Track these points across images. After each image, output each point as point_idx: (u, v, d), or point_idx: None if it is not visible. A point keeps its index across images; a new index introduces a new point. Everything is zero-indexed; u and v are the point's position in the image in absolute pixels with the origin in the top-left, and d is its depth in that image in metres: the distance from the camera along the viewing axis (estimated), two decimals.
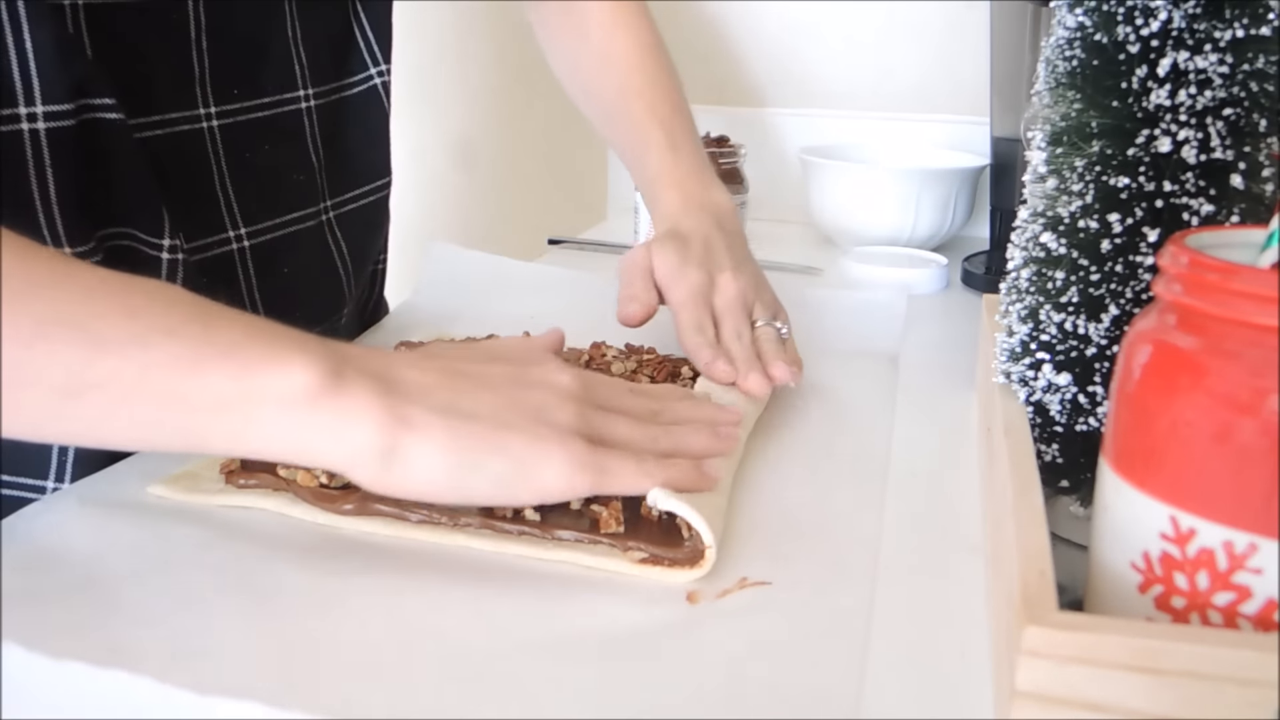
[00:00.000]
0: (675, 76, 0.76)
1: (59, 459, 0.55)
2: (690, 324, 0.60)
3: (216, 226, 0.61)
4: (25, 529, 0.44)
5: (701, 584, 0.42)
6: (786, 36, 1.16)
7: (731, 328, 0.60)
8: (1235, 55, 0.41)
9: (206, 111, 0.59)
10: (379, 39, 0.73)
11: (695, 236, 0.64)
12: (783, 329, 0.63)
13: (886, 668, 0.36)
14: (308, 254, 0.68)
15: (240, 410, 0.38)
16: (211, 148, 0.60)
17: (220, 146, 0.60)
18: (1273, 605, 0.31)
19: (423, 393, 0.42)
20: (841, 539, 0.46)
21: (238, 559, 0.43)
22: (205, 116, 0.59)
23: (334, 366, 0.40)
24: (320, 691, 0.35)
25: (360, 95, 0.72)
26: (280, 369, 0.39)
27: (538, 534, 0.44)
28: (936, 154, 1.08)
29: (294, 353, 0.39)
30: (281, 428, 0.39)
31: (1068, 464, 0.46)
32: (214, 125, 0.60)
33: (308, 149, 0.67)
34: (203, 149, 0.59)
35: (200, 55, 0.58)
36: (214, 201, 0.60)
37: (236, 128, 0.61)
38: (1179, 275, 0.33)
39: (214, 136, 0.60)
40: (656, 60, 0.75)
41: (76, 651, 0.35)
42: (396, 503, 0.46)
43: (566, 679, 0.36)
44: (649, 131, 0.71)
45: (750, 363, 0.58)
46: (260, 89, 0.62)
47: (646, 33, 0.76)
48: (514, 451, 0.41)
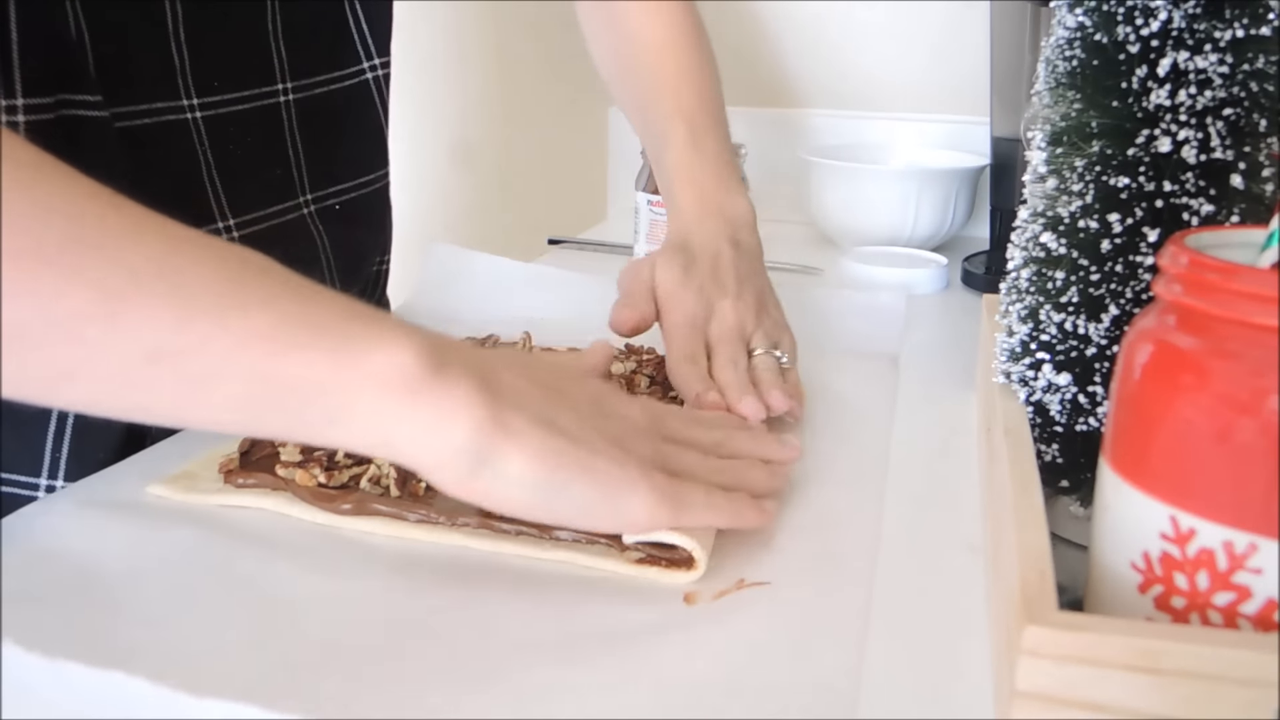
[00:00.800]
0: (713, 71, 0.72)
1: (53, 455, 0.55)
2: (681, 354, 0.58)
3: (207, 217, 0.61)
4: (24, 529, 0.44)
5: (699, 585, 0.42)
6: (787, 37, 1.16)
7: (725, 356, 0.57)
8: (1235, 55, 0.41)
9: (190, 103, 0.59)
10: (375, 32, 0.72)
11: (704, 254, 0.62)
12: (783, 358, 0.60)
13: (886, 668, 0.36)
14: (290, 247, 0.67)
15: (336, 394, 0.35)
16: (198, 139, 0.60)
17: (205, 138, 0.60)
18: (1273, 605, 0.31)
19: (522, 399, 0.39)
20: (841, 539, 0.46)
21: (236, 559, 0.43)
22: (189, 108, 0.59)
23: (437, 355, 0.37)
24: (315, 692, 0.35)
25: (351, 89, 0.71)
26: (383, 352, 0.36)
27: (535, 534, 0.44)
28: (936, 154, 1.08)
29: (395, 335, 0.36)
30: (377, 417, 0.36)
31: (1068, 464, 0.46)
32: (198, 117, 0.59)
33: (285, 143, 0.66)
34: (189, 140, 0.59)
35: (179, 46, 0.58)
36: (204, 192, 0.60)
37: (219, 120, 0.61)
38: (1179, 275, 0.33)
39: (199, 128, 0.60)
40: (692, 53, 0.71)
41: (73, 652, 0.35)
42: (395, 502, 0.46)
43: (564, 680, 0.36)
44: (672, 126, 0.68)
45: (742, 388, 0.55)
46: (240, 82, 0.62)
47: (688, 24, 0.72)
48: (601, 477, 0.40)
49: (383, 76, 0.74)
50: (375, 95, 0.73)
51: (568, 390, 0.43)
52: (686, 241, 0.63)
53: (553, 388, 0.42)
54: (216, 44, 0.60)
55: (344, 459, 0.49)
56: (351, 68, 0.71)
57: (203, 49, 0.59)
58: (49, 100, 0.51)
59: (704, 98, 0.70)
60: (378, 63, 0.72)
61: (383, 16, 0.73)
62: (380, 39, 0.73)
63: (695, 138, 0.67)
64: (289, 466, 0.48)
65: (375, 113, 0.73)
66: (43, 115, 0.50)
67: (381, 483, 0.48)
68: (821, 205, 1.02)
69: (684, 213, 0.65)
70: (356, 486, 0.47)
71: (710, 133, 0.68)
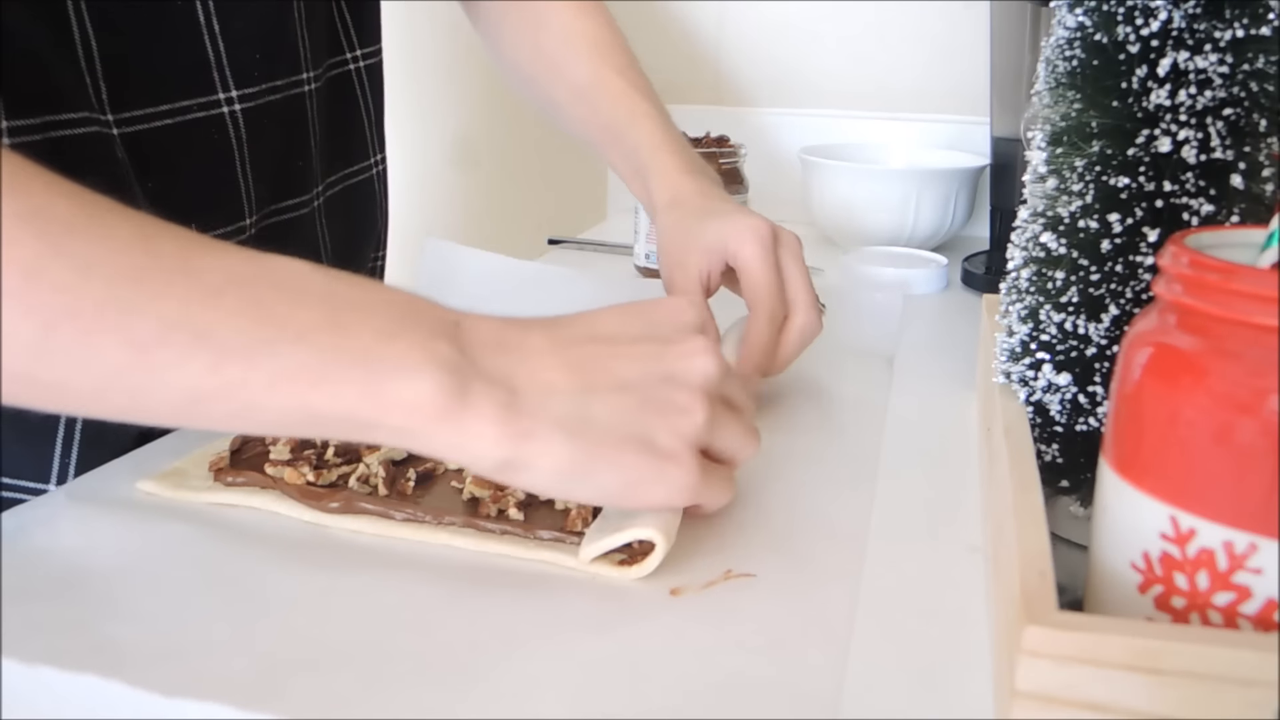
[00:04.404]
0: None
1: (61, 462, 0.55)
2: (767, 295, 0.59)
3: (236, 213, 0.61)
4: (14, 526, 0.45)
5: (685, 578, 0.42)
6: (787, 36, 1.16)
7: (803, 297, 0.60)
8: (1235, 55, 0.41)
9: (227, 96, 0.59)
10: (357, 24, 0.72)
11: (711, 197, 0.64)
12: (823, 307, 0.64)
13: (886, 667, 0.36)
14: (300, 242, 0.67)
15: (364, 419, 0.37)
16: (234, 133, 0.59)
17: (244, 131, 0.60)
18: (1273, 605, 0.31)
19: (548, 398, 0.40)
20: (839, 539, 0.46)
21: (224, 556, 0.43)
22: (226, 101, 0.59)
23: (461, 378, 0.38)
24: (299, 691, 0.35)
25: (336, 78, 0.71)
26: (408, 382, 0.37)
27: (520, 534, 0.45)
28: (936, 154, 1.08)
29: (423, 362, 0.38)
30: (404, 437, 0.38)
31: (1068, 464, 0.46)
32: (236, 110, 0.59)
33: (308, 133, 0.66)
34: (225, 135, 0.59)
35: (214, 39, 0.58)
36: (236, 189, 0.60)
37: (255, 112, 0.61)
38: (1179, 275, 0.33)
39: (236, 122, 0.59)
40: (624, 43, 0.74)
41: (57, 650, 0.36)
42: (382, 501, 0.46)
43: (547, 676, 0.36)
44: (636, 103, 0.69)
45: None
46: (272, 72, 0.62)
47: (611, 20, 0.75)
48: (628, 470, 0.40)
49: (364, 69, 0.73)
50: (357, 86, 0.73)
51: (620, 357, 0.42)
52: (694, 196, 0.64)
53: (597, 368, 0.41)
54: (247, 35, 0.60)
55: (333, 458, 0.49)
56: (335, 58, 0.71)
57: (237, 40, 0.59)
58: (35, 121, 0.50)
59: (649, 85, 0.72)
60: (359, 54, 0.72)
61: (365, 10, 0.73)
62: (363, 32, 0.72)
63: (663, 118, 0.69)
64: (278, 465, 0.48)
65: (355, 104, 0.73)
66: (31, 136, 0.50)
67: (370, 481, 0.48)
68: (821, 205, 1.02)
69: (674, 178, 0.66)
70: (345, 485, 0.47)
71: (670, 118, 0.70)
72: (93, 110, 0.53)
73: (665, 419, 0.41)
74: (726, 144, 0.98)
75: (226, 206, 0.60)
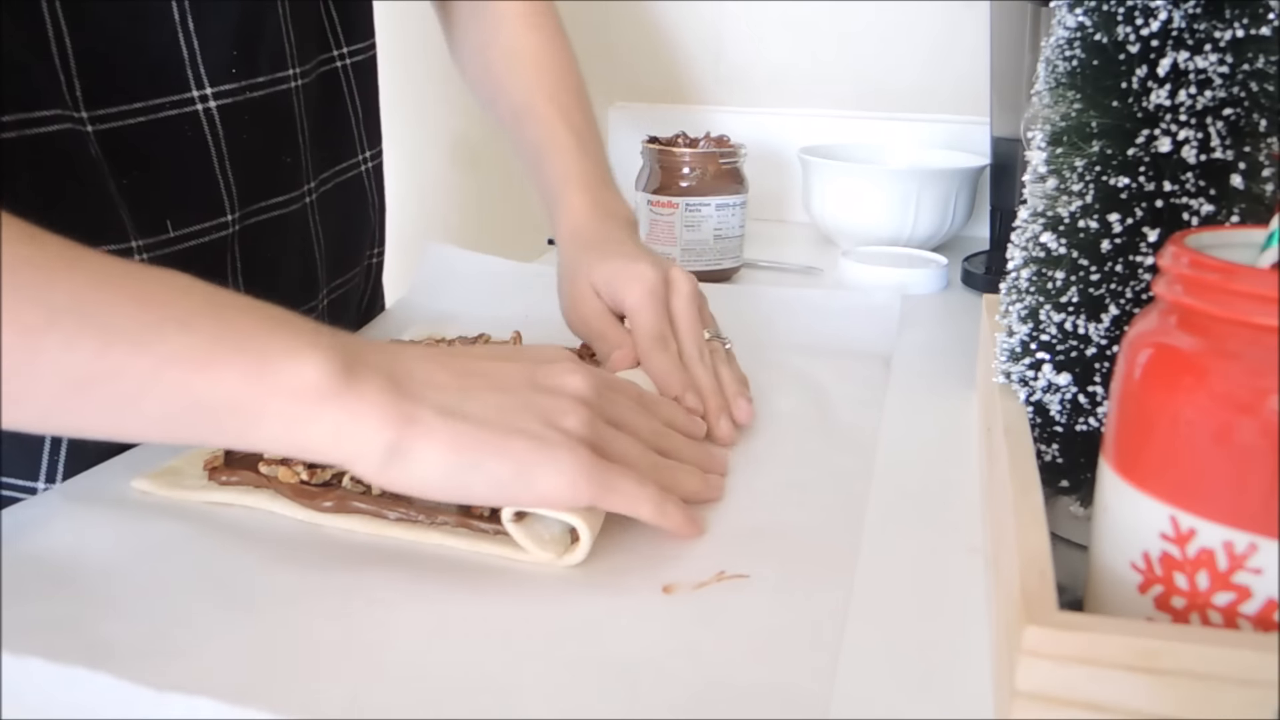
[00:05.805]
0: (582, 80, 0.76)
1: (50, 460, 0.55)
2: (651, 335, 0.58)
3: (216, 210, 0.61)
4: (9, 524, 0.45)
5: (679, 575, 0.42)
6: (786, 36, 1.16)
7: (692, 343, 0.59)
8: (1235, 55, 0.41)
9: (201, 94, 0.59)
10: (345, 21, 0.72)
11: (611, 239, 0.64)
12: (728, 343, 0.62)
13: (886, 667, 0.36)
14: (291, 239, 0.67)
15: (251, 407, 0.38)
16: (210, 130, 0.59)
17: (220, 129, 0.60)
18: (1273, 605, 0.31)
19: (431, 391, 0.41)
20: (836, 540, 0.46)
21: (218, 555, 0.43)
22: (201, 99, 0.59)
23: (346, 362, 0.39)
24: (291, 689, 0.35)
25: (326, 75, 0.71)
26: (293, 364, 0.38)
27: None
28: (936, 154, 1.08)
29: (307, 348, 0.39)
30: (290, 424, 0.39)
31: (1068, 464, 0.46)
32: (210, 107, 0.59)
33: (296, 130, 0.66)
34: (200, 132, 0.59)
35: (189, 38, 0.58)
36: (214, 185, 0.60)
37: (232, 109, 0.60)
38: (1179, 275, 0.33)
39: (212, 119, 0.59)
40: (566, 62, 0.75)
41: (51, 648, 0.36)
42: (375, 500, 0.46)
43: (538, 676, 0.36)
44: (557, 133, 0.70)
45: (719, 404, 0.57)
46: (255, 69, 0.62)
47: (556, 34, 0.76)
48: (516, 455, 0.41)
49: (352, 66, 0.73)
50: (343, 82, 0.73)
51: (495, 371, 0.44)
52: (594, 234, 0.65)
53: (475, 374, 0.44)
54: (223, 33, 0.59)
55: None
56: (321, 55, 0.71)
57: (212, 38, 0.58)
58: (9, 119, 0.50)
59: (583, 108, 0.73)
60: (345, 51, 0.72)
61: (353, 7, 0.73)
62: (350, 29, 0.72)
63: (583, 146, 0.71)
64: (272, 464, 0.48)
65: (343, 100, 0.73)
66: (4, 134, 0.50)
67: (364, 481, 0.48)
68: (821, 205, 1.02)
69: (579, 211, 0.67)
70: (339, 484, 0.48)
71: (594, 141, 0.72)
72: (66, 108, 0.53)
73: (545, 415, 0.43)
74: (726, 144, 0.98)
75: (205, 203, 0.60)
